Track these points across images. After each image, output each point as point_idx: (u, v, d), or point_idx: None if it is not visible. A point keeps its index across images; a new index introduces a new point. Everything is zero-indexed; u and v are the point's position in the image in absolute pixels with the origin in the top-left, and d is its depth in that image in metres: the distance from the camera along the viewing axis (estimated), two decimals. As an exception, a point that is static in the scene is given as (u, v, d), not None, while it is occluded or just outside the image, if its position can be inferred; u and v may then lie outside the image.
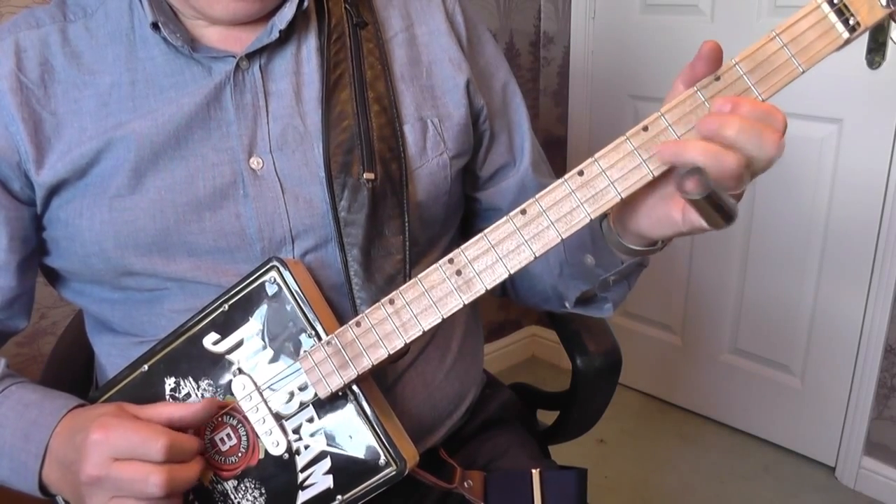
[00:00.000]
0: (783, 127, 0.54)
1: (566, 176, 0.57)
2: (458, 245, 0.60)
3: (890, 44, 1.68)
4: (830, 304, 1.94)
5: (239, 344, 0.69)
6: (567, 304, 0.79)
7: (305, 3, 0.73)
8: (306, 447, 0.69)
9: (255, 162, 0.72)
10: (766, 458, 2.12)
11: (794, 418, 2.09)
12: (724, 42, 0.57)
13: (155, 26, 0.71)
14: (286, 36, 0.74)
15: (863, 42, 1.71)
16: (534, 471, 0.83)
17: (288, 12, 0.72)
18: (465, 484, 0.83)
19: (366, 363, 0.64)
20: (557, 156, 2.43)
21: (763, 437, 2.18)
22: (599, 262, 0.70)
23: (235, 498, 0.71)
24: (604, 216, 0.66)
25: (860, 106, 1.78)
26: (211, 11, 0.71)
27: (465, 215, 0.90)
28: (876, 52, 1.71)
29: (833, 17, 0.53)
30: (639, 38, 2.17)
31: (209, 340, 0.70)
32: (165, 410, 0.67)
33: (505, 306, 2.56)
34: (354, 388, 0.67)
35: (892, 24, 0.54)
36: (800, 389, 2.07)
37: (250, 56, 0.73)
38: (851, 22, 0.52)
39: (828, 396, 2.01)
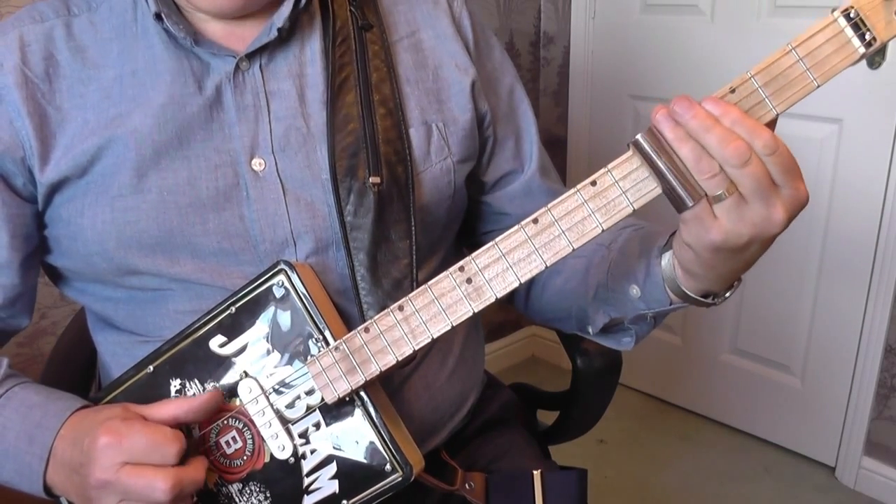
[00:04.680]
0: (763, 144, 0.52)
1: (579, 186, 0.57)
2: (456, 250, 0.59)
3: (890, 44, 1.68)
4: (830, 304, 1.95)
5: (245, 347, 0.69)
6: (590, 329, 0.77)
7: (303, 1, 0.73)
8: (312, 452, 0.69)
9: (256, 163, 0.72)
10: (766, 458, 2.12)
11: (794, 418, 2.09)
12: (724, 42, 0.56)
13: (158, 17, 0.70)
14: (289, 37, 0.74)
15: (863, 42, 1.71)
16: (535, 472, 0.83)
17: (284, 10, 0.72)
18: (467, 486, 0.83)
19: (374, 369, 0.64)
20: (557, 156, 2.43)
21: (763, 437, 2.18)
22: (644, 297, 0.67)
23: (240, 501, 0.71)
24: (667, 249, 0.64)
25: (860, 106, 1.78)
26: (198, 3, 0.70)
27: (470, 219, 0.90)
28: (876, 52, 1.71)
29: (850, 32, 0.52)
30: (639, 38, 2.16)
31: (215, 343, 0.70)
32: (170, 408, 0.67)
33: (505, 306, 2.55)
34: (362, 393, 0.67)
35: None
36: (800, 389, 2.07)
37: (251, 56, 0.73)
38: (868, 37, 0.52)
39: (828, 396, 2.01)
